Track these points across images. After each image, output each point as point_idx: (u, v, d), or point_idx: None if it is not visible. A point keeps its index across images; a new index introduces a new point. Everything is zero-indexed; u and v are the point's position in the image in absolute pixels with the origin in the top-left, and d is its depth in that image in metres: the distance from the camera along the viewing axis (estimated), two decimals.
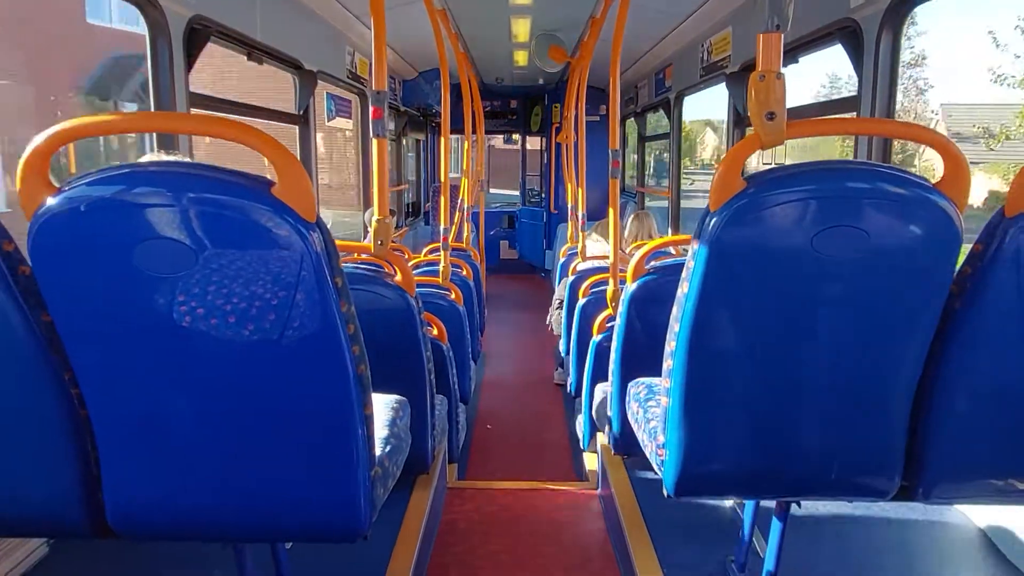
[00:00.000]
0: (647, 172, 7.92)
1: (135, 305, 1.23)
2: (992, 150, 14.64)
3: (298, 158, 4.22)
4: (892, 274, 1.38)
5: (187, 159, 2.09)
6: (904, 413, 1.50)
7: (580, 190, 5.15)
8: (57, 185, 1.19)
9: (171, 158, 1.96)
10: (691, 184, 7.89)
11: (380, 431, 1.62)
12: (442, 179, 4.45)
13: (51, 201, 1.17)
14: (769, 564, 1.84)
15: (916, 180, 1.34)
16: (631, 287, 2.46)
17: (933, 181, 1.35)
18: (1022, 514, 2.10)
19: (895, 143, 2.90)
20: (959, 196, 1.34)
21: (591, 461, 3.40)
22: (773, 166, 1.51)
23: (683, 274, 1.47)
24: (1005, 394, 1.46)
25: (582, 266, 4.55)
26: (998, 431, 1.49)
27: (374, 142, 2.25)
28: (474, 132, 6.72)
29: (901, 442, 1.52)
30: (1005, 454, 1.51)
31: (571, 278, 4.39)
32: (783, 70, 1.37)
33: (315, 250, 1.20)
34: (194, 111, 2.75)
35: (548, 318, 5.03)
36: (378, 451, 1.51)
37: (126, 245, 1.18)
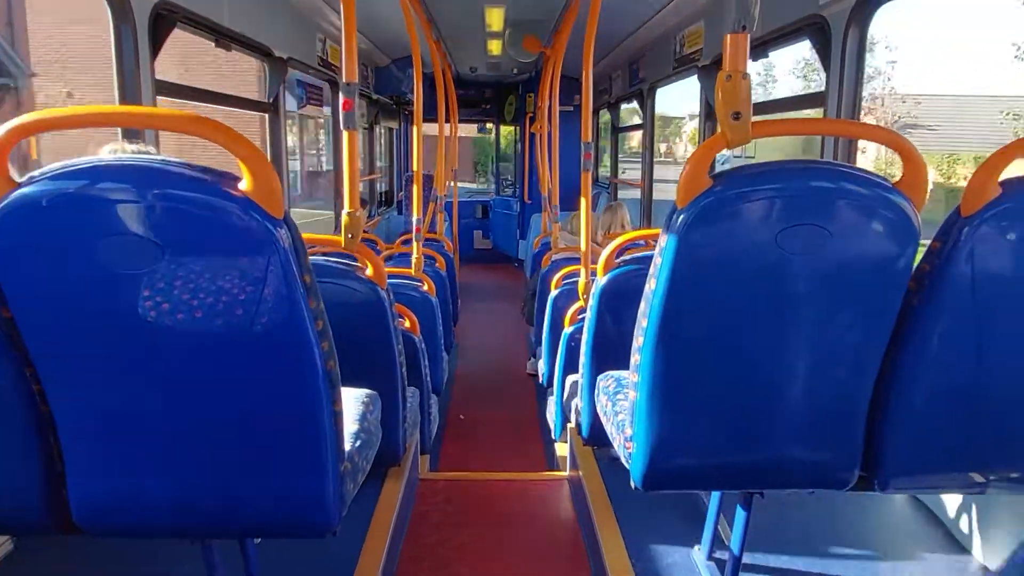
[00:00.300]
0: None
1: (99, 301, 1.21)
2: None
3: (268, 148, 4.16)
4: (853, 271, 1.41)
5: (151, 149, 2.05)
6: (863, 406, 1.55)
7: (553, 180, 5.16)
8: (17, 180, 1.17)
9: (135, 147, 1.93)
10: (623, 173, 8.06)
11: (350, 426, 1.62)
12: (415, 168, 4.42)
13: (11, 196, 1.15)
14: (734, 550, 1.88)
15: (877, 180, 1.38)
16: (602, 280, 2.47)
17: (893, 181, 1.39)
18: (971, 499, 2.17)
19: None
20: (917, 196, 1.38)
21: (562, 451, 3.43)
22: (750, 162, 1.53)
23: (650, 271, 1.49)
24: (958, 388, 1.51)
25: (555, 257, 4.56)
26: (952, 425, 1.54)
27: (344, 134, 2.23)
28: (447, 121, 6.68)
29: (860, 435, 1.57)
30: (959, 447, 1.56)
31: (544, 269, 4.41)
32: (754, 64, 1.39)
33: (283, 247, 1.19)
34: (160, 99, 2.70)
35: (521, 308, 5.05)
36: (348, 446, 1.51)
37: (89, 241, 1.16)
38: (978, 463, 1.60)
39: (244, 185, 1.17)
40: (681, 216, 1.38)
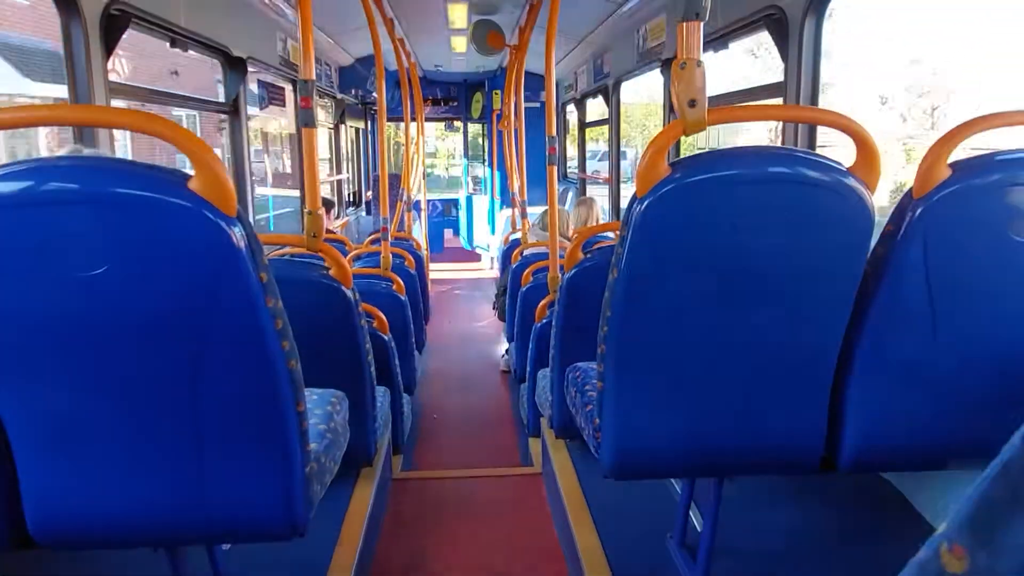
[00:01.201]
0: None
1: (47, 305, 1.17)
2: None
3: (229, 150, 4.09)
4: (810, 255, 1.43)
5: (108, 153, 2.00)
6: (825, 389, 1.57)
7: (521, 177, 5.16)
8: None
9: (91, 151, 1.88)
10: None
11: (316, 427, 1.61)
12: (381, 167, 4.38)
13: None
14: (706, 538, 1.90)
15: (832, 165, 1.40)
16: (568, 273, 2.48)
17: (847, 166, 1.41)
18: (937, 478, 2.22)
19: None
20: (871, 180, 1.40)
21: (536, 446, 3.44)
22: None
23: (612, 260, 1.49)
24: (915, 368, 1.54)
25: (525, 252, 4.57)
26: (911, 404, 1.57)
27: (303, 132, 2.20)
28: (414, 119, 6.64)
29: (823, 417, 1.59)
30: (918, 425, 1.60)
31: (514, 265, 4.41)
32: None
33: (236, 245, 1.17)
34: (114, 102, 2.64)
35: (493, 304, 5.04)
36: (313, 447, 1.49)
37: (34, 243, 1.13)
38: (937, 440, 1.63)
39: (195, 183, 1.14)
40: (640, 204, 1.39)
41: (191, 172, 1.15)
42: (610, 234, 3.76)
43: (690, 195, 1.38)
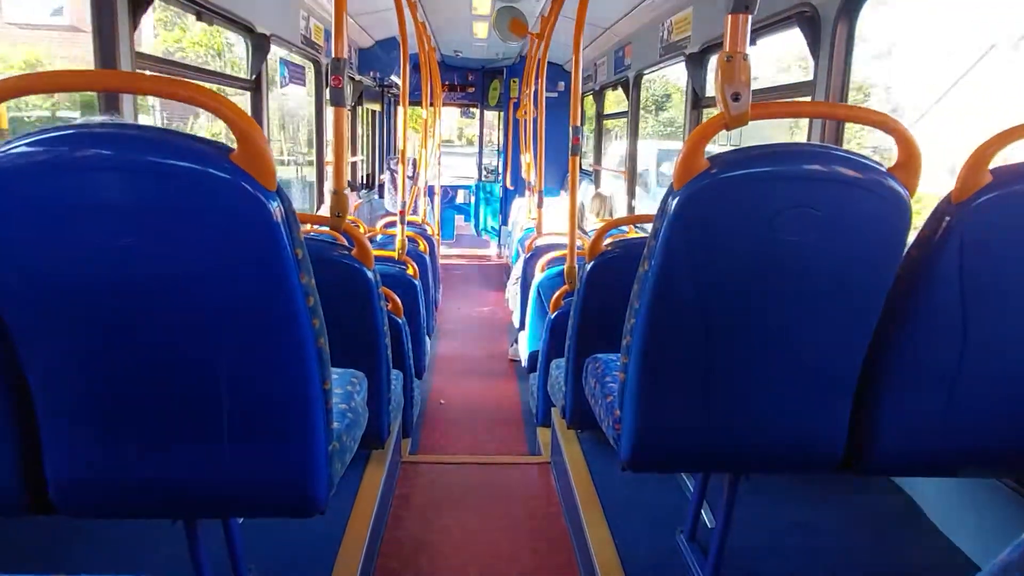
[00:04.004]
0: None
1: (80, 273, 1.17)
2: None
3: None
4: (845, 255, 1.41)
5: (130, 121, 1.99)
6: (849, 390, 1.56)
7: (538, 166, 5.14)
8: None
9: (109, 117, 1.87)
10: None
11: (338, 406, 1.61)
12: (401, 150, 4.37)
13: None
14: (718, 534, 1.89)
15: (871, 164, 1.38)
16: (589, 264, 2.47)
17: (887, 166, 1.39)
18: (948, 484, 2.22)
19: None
20: (911, 181, 1.38)
21: (545, 435, 3.44)
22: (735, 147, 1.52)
23: (644, 252, 1.48)
24: (943, 373, 1.53)
25: (539, 242, 4.56)
26: (935, 410, 1.56)
27: (331, 111, 2.19)
28: (431, 104, 6.62)
29: (846, 418, 1.58)
30: (939, 432, 1.59)
31: (527, 254, 4.40)
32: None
33: (275, 220, 1.16)
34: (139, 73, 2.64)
35: (506, 292, 5.04)
36: (336, 426, 1.49)
37: (71, 210, 1.12)
38: (958, 448, 1.62)
39: (237, 156, 1.13)
40: (677, 198, 1.38)
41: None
42: (624, 227, 3.75)
43: (726, 190, 1.37)
